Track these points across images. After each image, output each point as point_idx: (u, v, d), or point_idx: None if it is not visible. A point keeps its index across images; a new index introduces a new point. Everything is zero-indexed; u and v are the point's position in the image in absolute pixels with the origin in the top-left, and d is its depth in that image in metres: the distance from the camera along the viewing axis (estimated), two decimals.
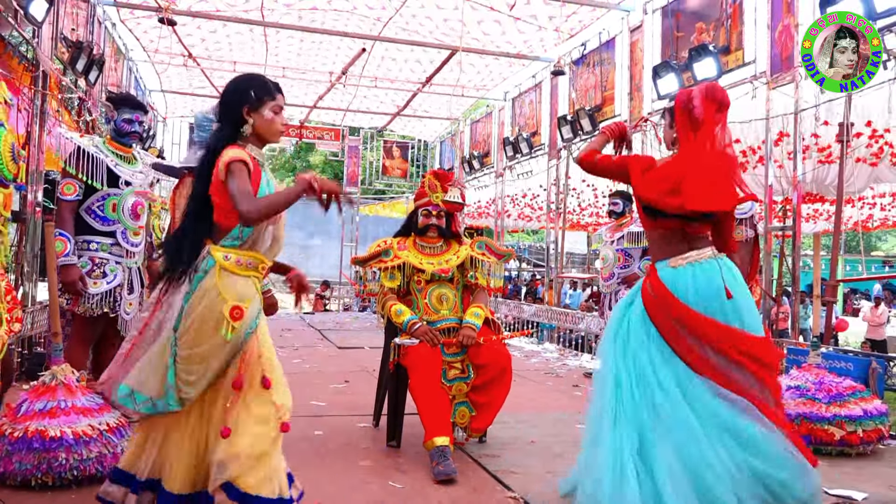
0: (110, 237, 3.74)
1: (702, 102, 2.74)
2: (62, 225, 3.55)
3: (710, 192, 2.67)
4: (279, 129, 2.40)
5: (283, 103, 2.40)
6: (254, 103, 2.33)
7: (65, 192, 3.60)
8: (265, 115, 2.34)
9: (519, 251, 18.43)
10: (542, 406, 4.90)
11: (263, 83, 2.38)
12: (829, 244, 6.23)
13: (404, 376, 3.59)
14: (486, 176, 13.28)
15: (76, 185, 3.62)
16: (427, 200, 3.77)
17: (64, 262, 3.49)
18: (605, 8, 8.71)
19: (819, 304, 8.18)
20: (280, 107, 2.38)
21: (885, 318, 11.33)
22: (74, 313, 3.62)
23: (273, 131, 2.38)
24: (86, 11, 7.68)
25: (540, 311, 9.91)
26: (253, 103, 2.33)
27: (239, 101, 2.33)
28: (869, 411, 3.76)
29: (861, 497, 3.03)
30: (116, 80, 9.70)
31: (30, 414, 2.84)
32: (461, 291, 3.83)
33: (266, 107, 2.34)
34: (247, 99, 2.33)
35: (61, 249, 3.48)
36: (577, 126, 9.11)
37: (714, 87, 2.85)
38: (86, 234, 3.69)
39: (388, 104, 13.74)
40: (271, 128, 2.37)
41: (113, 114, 3.91)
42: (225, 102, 2.37)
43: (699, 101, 2.74)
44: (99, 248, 3.69)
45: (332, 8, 9.36)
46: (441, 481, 3.09)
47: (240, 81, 2.41)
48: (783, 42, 6.22)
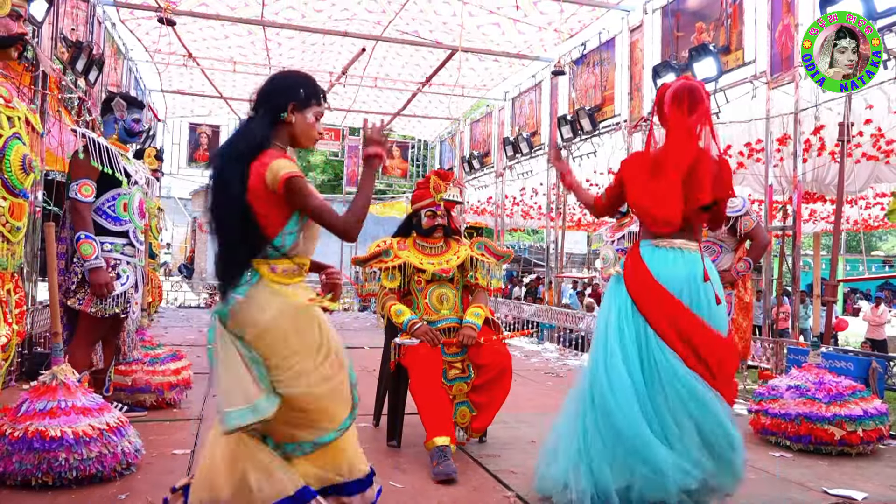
0: (123, 237, 3.69)
1: (669, 107, 2.76)
2: (85, 227, 3.49)
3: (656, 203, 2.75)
4: (315, 136, 2.30)
5: (324, 111, 2.31)
6: (301, 102, 2.23)
7: (83, 193, 3.53)
8: (308, 119, 2.25)
9: (519, 251, 18.41)
10: (542, 406, 4.90)
11: (315, 86, 2.29)
12: (829, 244, 6.22)
13: (404, 376, 3.59)
14: (486, 176, 13.28)
15: (92, 186, 3.56)
16: (431, 201, 3.76)
17: (94, 266, 3.45)
18: (605, 8, 8.70)
19: (819, 303, 8.19)
20: (322, 114, 2.29)
21: (885, 318, 11.33)
22: (83, 313, 3.56)
23: (310, 136, 2.28)
24: (86, 11, 7.68)
25: (540, 310, 9.91)
26: (300, 102, 2.23)
27: (287, 94, 2.22)
28: (869, 411, 3.76)
29: (861, 497, 3.03)
30: (116, 80, 9.69)
31: (30, 414, 2.84)
32: (461, 291, 3.83)
33: (311, 110, 2.25)
34: (295, 96, 2.22)
35: (90, 252, 3.43)
36: (577, 126, 9.11)
37: (681, 90, 2.78)
38: (98, 234, 3.61)
39: (389, 104, 13.74)
40: (309, 132, 2.27)
41: (123, 114, 3.87)
42: (270, 92, 2.24)
43: (668, 106, 2.77)
44: (112, 249, 3.63)
45: (332, 18, 9.38)
46: (441, 481, 3.09)
47: (292, 76, 2.32)
48: (783, 42, 6.22)
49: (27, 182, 2.62)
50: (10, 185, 2.54)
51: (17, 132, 2.59)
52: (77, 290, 3.53)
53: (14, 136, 2.57)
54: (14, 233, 2.60)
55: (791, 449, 3.81)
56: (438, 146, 16.08)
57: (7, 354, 2.59)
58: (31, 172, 2.63)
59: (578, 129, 9.12)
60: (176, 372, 4.46)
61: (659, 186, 2.74)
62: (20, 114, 2.66)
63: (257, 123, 2.20)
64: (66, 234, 3.63)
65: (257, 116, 2.22)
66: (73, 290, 3.51)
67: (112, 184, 3.65)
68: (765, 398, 4.04)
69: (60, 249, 3.55)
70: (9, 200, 2.54)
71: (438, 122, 15.13)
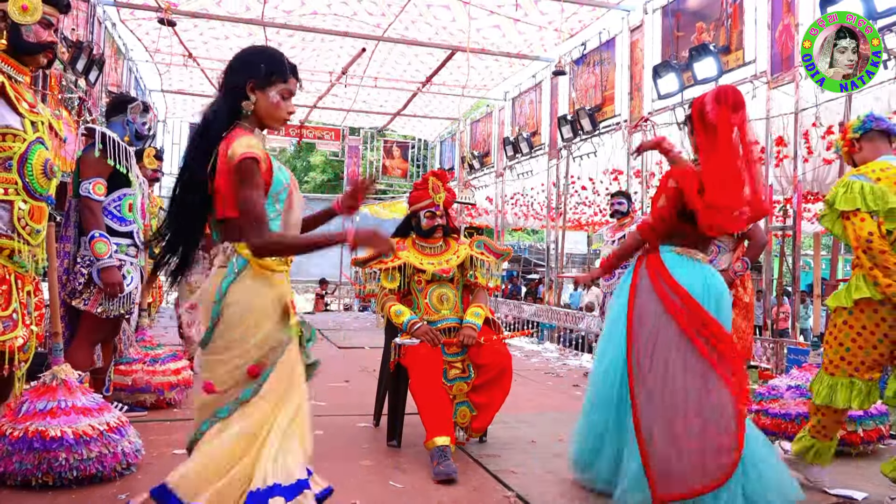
0: (128, 238, 3.66)
1: (713, 107, 2.74)
2: (98, 225, 3.46)
3: (727, 218, 2.72)
4: (282, 116, 2.10)
5: (294, 88, 2.11)
6: (261, 80, 2.04)
7: (96, 192, 3.49)
8: (270, 97, 2.06)
9: (519, 251, 18.41)
10: (542, 406, 4.90)
11: (277, 60, 2.08)
12: (829, 244, 6.22)
13: (405, 376, 3.59)
14: (486, 176, 13.29)
15: (105, 185, 3.53)
16: (430, 202, 3.76)
17: (107, 265, 3.43)
18: (605, 7, 8.71)
19: (819, 303, 8.18)
20: (290, 91, 2.09)
21: None
22: (86, 313, 3.52)
23: (275, 117, 2.09)
24: (86, 11, 7.69)
25: (540, 310, 9.91)
26: (260, 79, 2.04)
27: (245, 72, 2.05)
28: (869, 411, 3.74)
29: (861, 497, 3.03)
30: (117, 80, 9.71)
31: (30, 414, 2.84)
32: (461, 291, 3.83)
33: (274, 88, 2.05)
34: (255, 72, 2.04)
35: (104, 251, 3.41)
36: (578, 126, 9.11)
37: (724, 89, 2.84)
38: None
39: (389, 104, 13.75)
40: (274, 113, 2.07)
41: (136, 116, 3.85)
42: (229, 70, 2.08)
43: (711, 106, 2.75)
44: (118, 250, 3.59)
45: (333, 13, 9.38)
46: (441, 481, 3.09)
47: (252, 51, 2.12)
48: (783, 42, 6.22)
49: (49, 187, 2.65)
50: (32, 188, 2.58)
51: (40, 137, 2.62)
52: (83, 290, 3.49)
53: (37, 140, 2.60)
54: (34, 235, 2.63)
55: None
56: (438, 146, 16.09)
57: (27, 356, 2.61)
58: (52, 177, 2.66)
59: (579, 129, 9.12)
60: (176, 372, 4.46)
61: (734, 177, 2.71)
62: (44, 119, 2.69)
63: (218, 105, 2.06)
64: (69, 233, 3.60)
65: (219, 98, 2.09)
66: (78, 290, 3.48)
67: (119, 184, 3.63)
68: (765, 398, 4.04)
69: (64, 248, 3.55)
70: (29, 203, 2.57)
71: (439, 122, 15.14)
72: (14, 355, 2.50)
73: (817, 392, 3.02)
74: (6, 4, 2.49)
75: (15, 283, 2.54)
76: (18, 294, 2.56)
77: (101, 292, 3.48)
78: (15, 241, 2.53)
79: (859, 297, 2.85)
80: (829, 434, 3.07)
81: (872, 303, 2.83)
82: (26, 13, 2.52)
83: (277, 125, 2.15)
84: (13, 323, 2.50)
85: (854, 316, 2.90)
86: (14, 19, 2.51)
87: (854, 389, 2.91)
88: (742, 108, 2.77)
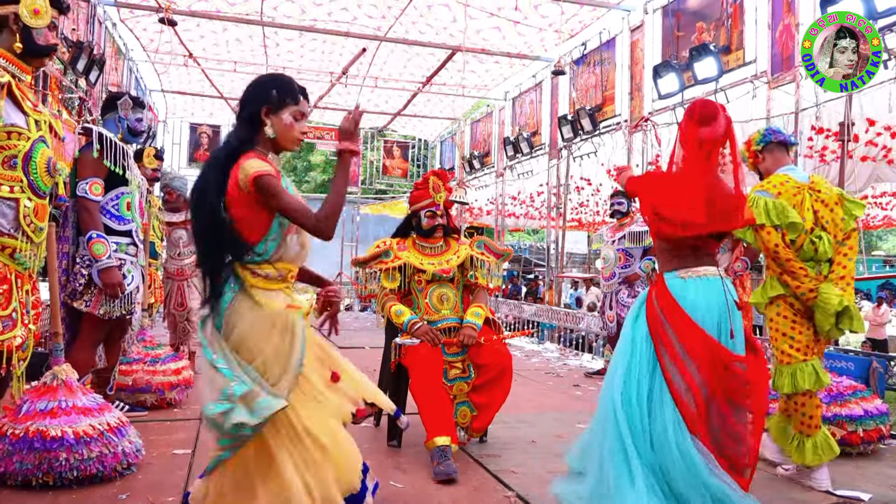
0: (127, 237, 3.64)
1: (683, 119, 2.73)
2: (96, 226, 3.45)
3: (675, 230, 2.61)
4: (297, 136, 2.24)
5: (306, 110, 2.26)
6: (274, 105, 2.19)
7: (94, 192, 3.48)
8: (284, 120, 2.20)
9: (519, 251, 18.42)
10: (542, 406, 4.90)
11: (287, 85, 2.23)
12: None
13: (405, 376, 3.59)
14: (486, 176, 13.29)
15: (102, 185, 3.52)
16: (431, 202, 3.76)
17: (106, 265, 3.41)
18: (605, 8, 8.71)
19: None
20: (302, 113, 2.24)
21: (886, 318, 11.32)
22: (87, 314, 3.50)
23: (290, 139, 2.23)
24: (86, 11, 7.69)
25: (540, 310, 9.91)
26: (273, 105, 2.19)
27: (258, 100, 2.19)
28: (869, 411, 3.75)
29: (866, 497, 3.03)
30: (117, 80, 9.72)
31: (31, 414, 2.84)
32: (461, 291, 3.83)
33: (287, 110, 2.20)
34: (267, 98, 2.19)
35: (103, 252, 3.39)
36: (578, 126, 9.12)
37: (695, 103, 2.76)
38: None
39: (389, 104, 13.75)
40: (288, 134, 2.22)
41: (127, 112, 3.84)
42: (244, 100, 2.23)
43: (683, 119, 2.75)
44: (118, 249, 3.58)
45: (333, 20, 9.40)
46: (442, 481, 3.09)
47: (264, 80, 2.27)
48: (783, 42, 6.23)
49: (51, 185, 2.67)
50: (36, 186, 2.60)
51: (42, 135, 2.65)
52: (84, 291, 3.47)
53: (40, 139, 2.63)
54: (37, 233, 2.65)
55: None
56: (439, 146, 16.09)
57: (25, 355, 2.61)
58: (55, 176, 2.68)
59: (579, 129, 9.13)
60: (176, 372, 4.46)
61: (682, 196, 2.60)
62: (45, 118, 2.71)
63: (235, 131, 2.22)
64: (68, 234, 3.58)
65: (237, 125, 2.23)
66: (79, 291, 3.45)
67: (117, 182, 3.61)
68: None
69: (63, 249, 3.53)
70: (34, 201, 2.59)
71: (439, 122, 15.14)
72: (12, 355, 2.50)
73: (782, 385, 3.19)
74: (18, 7, 2.51)
75: (15, 282, 2.55)
76: (18, 293, 2.56)
77: (102, 293, 3.47)
78: (18, 240, 2.54)
79: (774, 295, 3.24)
80: (816, 422, 3.18)
81: (787, 297, 3.22)
82: (38, 17, 2.55)
83: (292, 146, 2.26)
84: (12, 322, 2.51)
85: (782, 307, 3.24)
86: (27, 23, 2.53)
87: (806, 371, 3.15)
88: (713, 121, 2.64)
